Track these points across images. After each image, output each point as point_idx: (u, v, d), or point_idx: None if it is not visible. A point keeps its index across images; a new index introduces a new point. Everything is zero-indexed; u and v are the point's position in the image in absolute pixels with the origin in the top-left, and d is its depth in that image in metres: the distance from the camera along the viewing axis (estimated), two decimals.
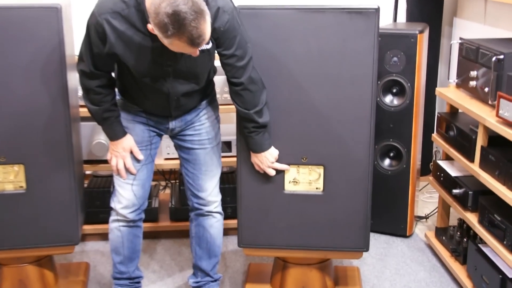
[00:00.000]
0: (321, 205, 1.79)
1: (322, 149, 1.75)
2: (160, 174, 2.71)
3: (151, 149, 1.73)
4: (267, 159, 1.71)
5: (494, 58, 1.83)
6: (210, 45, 1.55)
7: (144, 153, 1.71)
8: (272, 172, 1.74)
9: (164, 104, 1.64)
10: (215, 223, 1.83)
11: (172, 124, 1.72)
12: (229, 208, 2.35)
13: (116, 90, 1.68)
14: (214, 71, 1.72)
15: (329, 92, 1.70)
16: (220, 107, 1.96)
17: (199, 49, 1.46)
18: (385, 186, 2.38)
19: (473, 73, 1.99)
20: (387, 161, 2.39)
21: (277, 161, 1.75)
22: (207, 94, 1.75)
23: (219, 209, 1.83)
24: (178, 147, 1.79)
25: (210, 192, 1.78)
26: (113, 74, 1.64)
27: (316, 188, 1.79)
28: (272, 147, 1.72)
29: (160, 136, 1.76)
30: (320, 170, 1.78)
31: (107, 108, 1.62)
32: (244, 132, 1.70)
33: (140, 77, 1.56)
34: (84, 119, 2.02)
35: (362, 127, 1.72)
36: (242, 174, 1.79)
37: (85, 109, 1.67)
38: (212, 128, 1.75)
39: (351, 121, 1.72)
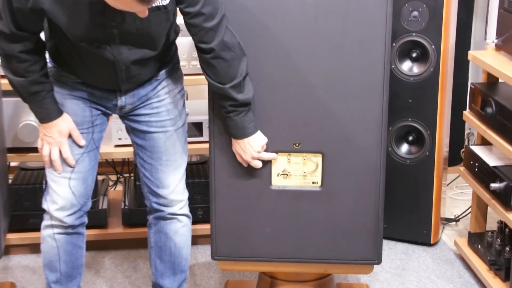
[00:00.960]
0: (318, 204, 1.80)
1: (319, 131, 1.76)
2: (110, 166, 2.71)
3: (94, 132, 1.71)
4: (252, 148, 1.72)
5: None
6: (168, 0, 1.53)
7: (85, 137, 1.70)
8: (258, 164, 1.75)
9: (110, 75, 1.63)
10: (180, 229, 1.83)
11: (122, 101, 1.71)
12: (200, 209, 2.36)
13: (47, 56, 1.65)
14: (175, 31, 1.72)
15: (328, 59, 1.71)
16: (187, 77, 1.95)
17: (153, 5, 1.46)
18: (402, 179, 2.40)
19: None
20: (404, 147, 2.41)
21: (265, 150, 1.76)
22: (167, 61, 1.74)
23: (186, 210, 1.84)
24: (130, 130, 1.78)
25: (174, 189, 1.79)
26: (42, 35, 1.62)
27: (313, 183, 1.80)
28: (259, 132, 1.73)
29: (107, 115, 1.75)
30: (318, 159, 1.78)
31: (35, 80, 1.60)
32: (222, 112, 1.70)
33: (76, 41, 1.55)
34: (7, 93, 1.98)
35: (371, 103, 1.73)
36: (216, 164, 1.80)
37: (7, 81, 1.63)
38: (174, 105, 1.75)
39: (357, 95, 1.73)
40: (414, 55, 2.31)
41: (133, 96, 1.71)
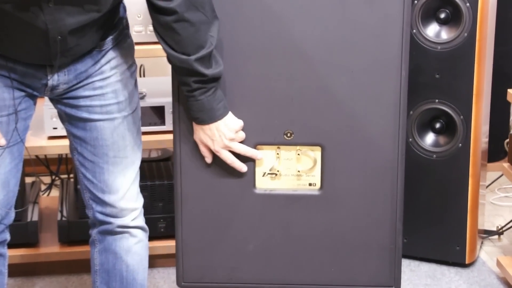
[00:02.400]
0: (317, 213, 1.82)
1: (318, 117, 1.77)
2: (42, 164, 2.70)
3: (17, 121, 1.71)
4: (223, 134, 1.74)
5: None
6: None
7: (4, 127, 1.69)
8: (229, 157, 1.77)
9: (40, 46, 1.63)
10: (134, 247, 1.85)
11: (54, 79, 1.71)
12: (161, 221, 2.38)
13: None
14: None
15: (329, 20, 1.72)
16: (141, 47, 1.95)
17: None
18: (427, 179, 2.43)
19: None
20: (430, 138, 2.43)
21: (244, 142, 1.78)
22: (113, 26, 1.74)
23: (141, 222, 1.85)
24: (65, 118, 1.78)
25: (124, 194, 1.80)
26: None
27: (310, 185, 1.82)
28: (230, 114, 1.75)
29: (34, 98, 1.75)
30: (316, 153, 1.80)
31: None
32: (183, 91, 1.71)
33: None
34: None
35: (385, 80, 1.75)
36: (183, 161, 1.81)
37: None
38: (123, 85, 1.76)
39: (367, 69, 1.75)
40: (442, 15, 2.32)
41: (69, 73, 1.71)
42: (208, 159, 1.78)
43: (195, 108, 1.71)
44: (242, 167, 1.79)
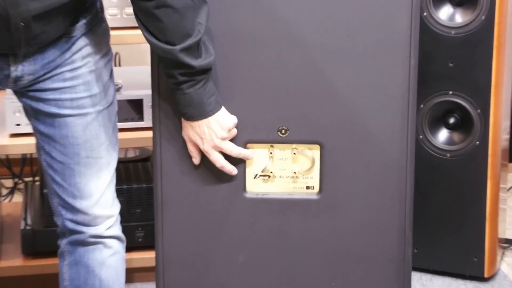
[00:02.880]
0: (315, 219, 1.83)
1: (317, 112, 1.78)
2: (3, 166, 2.70)
3: None
4: (213, 132, 1.74)
5: None
6: None
7: None
8: (219, 159, 1.78)
9: (1, 34, 1.62)
10: (109, 259, 1.85)
11: (18, 70, 1.70)
12: (139, 229, 2.38)
13: None
14: None
15: (326, 2, 1.73)
16: (117, 33, 1.94)
17: None
18: (441, 182, 2.43)
19: None
20: (443, 134, 2.44)
21: (233, 140, 1.78)
22: (85, 9, 1.74)
23: (117, 231, 1.85)
24: (32, 113, 1.78)
25: (98, 200, 1.80)
26: None
27: (307, 188, 1.83)
28: (223, 110, 1.75)
29: None
30: (314, 152, 1.81)
31: None
32: (168, 83, 1.71)
33: None
34: None
35: (392, 69, 1.76)
36: (164, 162, 1.82)
37: None
38: (96, 76, 1.76)
39: (371, 57, 1.75)
40: None
41: (35, 63, 1.70)
42: (196, 159, 1.78)
43: (183, 102, 1.71)
44: (232, 170, 1.79)
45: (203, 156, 1.79)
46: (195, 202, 1.82)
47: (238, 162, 1.79)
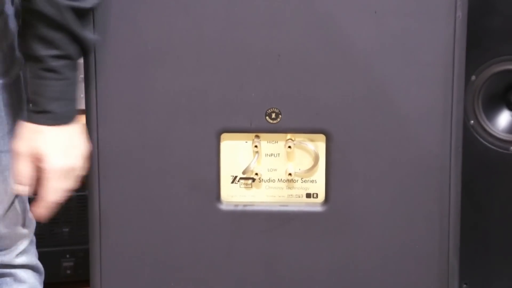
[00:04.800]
0: (319, 240, 1.85)
1: (320, 87, 1.80)
2: None
3: None
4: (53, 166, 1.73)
5: None
6: None
7: None
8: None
9: None
10: None
11: None
12: (67, 257, 2.37)
13: None
14: None
15: None
16: None
17: None
18: (502, 186, 2.43)
19: None
20: (505, 118, 2.44)
21: (202, 128, 1.79)
22: None
23: (31, 258, 1.87)
24: None
25: (4, 214, 1.81)
26: None
27: (308, 196, 1.85)
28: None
29: None
30: (318, 146, 1.83)
31: None
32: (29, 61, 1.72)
33: None
34: None
35: (428, 24, 1.77)
36: (102, 161, 1.84)
37: None
38: None
39: (397, 6, 1.77)
40: None
41: None
42: (25, 189, 1.73)
43: (40, 88, 1.72)
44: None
45: (161, 155, 1.80)
46: (148, 217, 1.84)
47: (208, 159, 1.81)
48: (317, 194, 1.84)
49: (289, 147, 1.82)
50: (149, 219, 1.84)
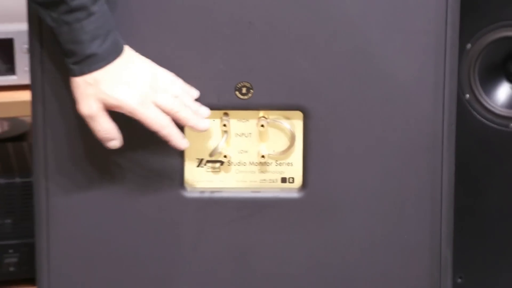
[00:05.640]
0: (297, 232, 1.87)
1: (298, 58, 1.81)
2: None
3: None
4: (161, 83, 1.78)
5: None
6: None
7: None
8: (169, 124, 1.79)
9: None
10: None
11: None
12: (10, 252, 2.41)
13: None
14: None
15: None
16: None
17: None
18: (500, 169, 2.45)
19: None
20: (504, 92, 2.46)
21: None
22: None
23: None
24: None
25: None
26: None
27: (283, 181, 1.88)
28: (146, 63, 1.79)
29: None
30: (295, 124, 1.86)
31: None
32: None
33: None
34: None
35: None
36: (50, 144, 1.85)
37: None
38: None
39: None
40: None
41: None
42: (117, 141, 1.80)
43: (80, 35, 1.76)
44: (181, 143, 1.81)
45: (128, 140, 1.80)
46: (102, 206, 1.85)
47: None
48: (293, 178, 1.87)
49: (262, 125, 1.84)
50: (104, 209, 1.86)
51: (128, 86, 1.75)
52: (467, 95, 2.41)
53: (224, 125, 1.85)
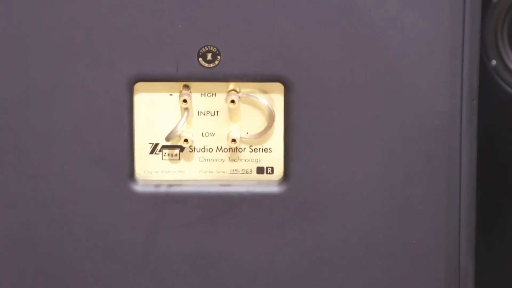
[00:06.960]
0: (278, 235, 1.87)
1: (276, 21, 1.81)
2: None
3: None
4: None
5: None
6: None
7: None
8: None
9: None
10: None
11: None
12: None
13: None
14: None
15: None
16: None
17: None
18: None
19: None
20: None
21: (110, 75, 1.80)
22: None
23: None
24: None
25: None
26: None
27: (260, 172, 1.88)
28: None
29: None
30: (273, 99, 1.85)
31: None
32: None
33: None
34: None
35: None
36: None
37: None
38: None
39: None
40: None
41: None
42: None
43: None
44: None
45: (49, 115, 1.81)
46: (35, 202, 1.86)
47: (116, 120, 1.82)
48: (272, 168, 1.86)
49: (232, 101, 1.82)
50: (37, 204, 1.86)
51: None
52: (494, 61, 2.41)
53: (184, 101, 1.84)
